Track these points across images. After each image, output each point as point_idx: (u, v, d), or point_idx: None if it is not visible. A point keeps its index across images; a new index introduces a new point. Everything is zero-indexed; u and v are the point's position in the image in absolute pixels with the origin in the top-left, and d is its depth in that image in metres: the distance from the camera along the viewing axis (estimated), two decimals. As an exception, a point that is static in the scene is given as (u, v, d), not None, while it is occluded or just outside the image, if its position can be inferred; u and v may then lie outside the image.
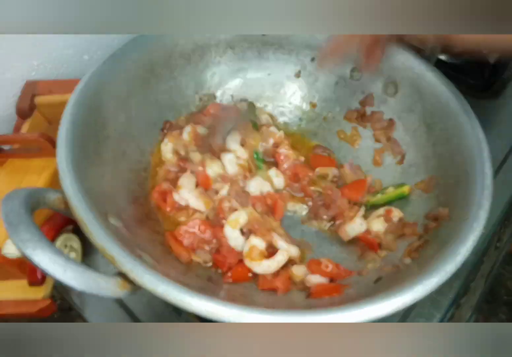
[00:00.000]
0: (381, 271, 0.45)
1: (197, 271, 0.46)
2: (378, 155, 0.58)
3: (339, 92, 0.61)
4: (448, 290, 0.54)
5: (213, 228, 0.48)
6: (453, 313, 0.53)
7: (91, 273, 0.33)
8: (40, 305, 0.47)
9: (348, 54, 0.48)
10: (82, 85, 0.46)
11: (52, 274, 0.32)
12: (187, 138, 0.56)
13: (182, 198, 0.50)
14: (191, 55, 0.58)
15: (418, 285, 0.35)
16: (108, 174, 0.46)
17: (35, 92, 0.58)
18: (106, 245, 0.35)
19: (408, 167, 0.55)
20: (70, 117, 0.43)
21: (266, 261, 0.46)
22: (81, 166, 0.41)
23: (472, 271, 0.57)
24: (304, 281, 0.45)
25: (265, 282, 0.45)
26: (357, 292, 0.42)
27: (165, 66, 0.56)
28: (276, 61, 0.62)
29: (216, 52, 0.60)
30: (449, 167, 0.48)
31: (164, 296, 0.33)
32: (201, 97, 0.61)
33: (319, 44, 0.59)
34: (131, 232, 0.42)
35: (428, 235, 0.45)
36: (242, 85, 0.62)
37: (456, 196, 0.45)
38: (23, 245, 0.32)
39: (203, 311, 0.33)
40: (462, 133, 0.48)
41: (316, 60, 0.55)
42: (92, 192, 0.40)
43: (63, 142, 0.41)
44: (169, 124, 0.58)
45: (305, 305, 0.42)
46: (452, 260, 0.37)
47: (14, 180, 0.51)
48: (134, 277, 0.34)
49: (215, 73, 0.61)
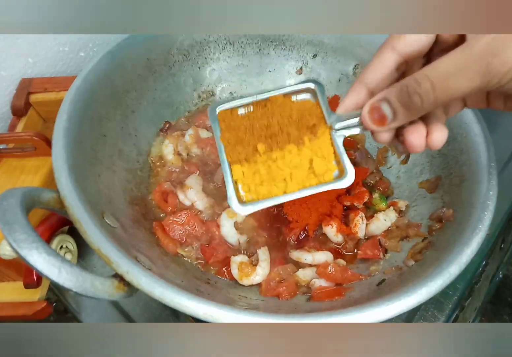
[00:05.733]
0: (384, 273, 0.44)
1: (194, 273, 0.45)
2: (381, 154, 0.57)
3: (342, 89, 0.60)
4: (452, 292, 0.53)
5: (206, 223, 0.49)
6: (457, 316, 0.52)
7: (87, 275, 0.32)
8: (36, 307, 0.47)
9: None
10: (79, 82, 0.45)
11: (47, 275, 0.31)
12: (189, 140, 0.55)
13: (188, 198, 0.50)
14: (190, 52, 0.57)
15: (422, 287, 0.34)
16: (104, 174, 0.45)
17: (30, 90, 0.57)
18: (101, 246, 0.34)
19: (412, 167, 0.54)
20: (66, 115, 0.42)
21: (255, 274, 0.45)
22: (77, 165, 0.40)
23: (476, 272, 0.56)
24: (309, 285, 0.45)
25: (268, 289, 0.44)
26: (360, 295, 0.41)
27: (163, 63, 0.55)
28: (277, 58, 0.61)
29: (215, 48, 0.59)
30: (454, 167, 0.48)
31: (161, 299, 0.32)
32: (200, 95, 0.60)
33: (320, 41, 0.58)
34: (128, 233, 0.41)
35: (432, 236, 0.45)
36: (242, 82, 0.62)
37: (460, 197, 0.44)
38: (18, 245, 0.31)
39: (201, 313, 0.32)
40: (467, 133, 0.47)
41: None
42: (88, 191, 0.39)
43: (59, 141, 0.40)
44: (168, 125, 0.57)
45: (307, 308, 0.41)
46: (456, 262, 0.36)
47: (9, 180, 0.50)
48: (130, 279, 0.33)
49: (214, 70, 0.60)
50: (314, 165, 0.35)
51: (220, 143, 0.36)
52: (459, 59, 0.27)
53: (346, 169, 0.35)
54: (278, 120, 0.36)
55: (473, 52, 0.26)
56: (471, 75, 0.26)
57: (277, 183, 0.35)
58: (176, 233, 0.47)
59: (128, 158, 0.51)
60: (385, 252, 0.48)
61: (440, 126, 0.33)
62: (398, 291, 0.35)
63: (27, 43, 0.58)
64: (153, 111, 0.56)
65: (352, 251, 0.49)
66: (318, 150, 0.35)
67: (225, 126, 0.37)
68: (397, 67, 0.33)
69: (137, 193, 0.50)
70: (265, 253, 0.47)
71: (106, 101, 0.48)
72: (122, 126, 0.51)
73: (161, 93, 0.56)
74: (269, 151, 0.35)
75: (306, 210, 0.49)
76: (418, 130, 0.32)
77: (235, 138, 0.36)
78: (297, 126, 0.36)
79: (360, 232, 0.49)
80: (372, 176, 0.55)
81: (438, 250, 0.42)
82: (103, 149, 0.47)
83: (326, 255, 0.47)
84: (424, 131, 0.33)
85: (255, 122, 0.36)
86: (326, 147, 0.36)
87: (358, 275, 0.45)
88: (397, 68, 0.34)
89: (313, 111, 0.36)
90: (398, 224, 0.49)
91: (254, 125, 0.36)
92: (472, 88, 0.27)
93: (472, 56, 0.26)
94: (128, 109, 0.52)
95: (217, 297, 0.41)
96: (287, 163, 0.35)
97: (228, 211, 0.49)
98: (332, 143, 0.36)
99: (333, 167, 0.36)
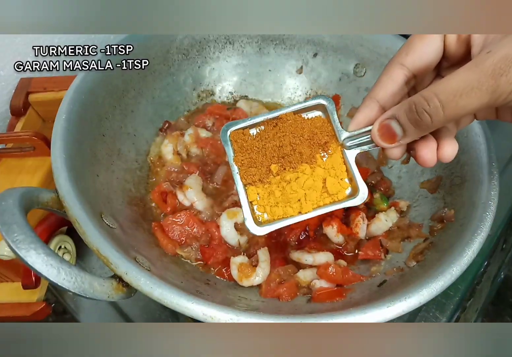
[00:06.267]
0: (386, 274, 0.43)
1: (194, 274, 0.45)
2: (383, 154, 0.57)
3: (343, 89, 0.60)
4: (454, 293, 0.53)
5: (206, 224, 0.48)
6: (458, 316, 0.52)
7: (85, 276, 0.32)
8: (35, 308, 0.46)
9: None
10: (78, 82, 0.45)
11: (45, 276, 0.31)
12: (188, 140, 0.55)
13: (187, 198, 0.50)
14: (189, 51, 0.57)
15: (424, 288, 0.34)
16: (103, 174, 0.45)
17: (29, 90, 0.57)
18: (100, 246, 0.34)
19: (413, 167, 0.53)
20: (65, 115, 0.42)
21: (255, 275, 0.45)
22: (76, 165, 0.40)
23: (478, 273, 0.55)
24: (310, 286, 0.44)
25: (268, 290, 0.44)
26: (361, 296, 0.41)
27: (162, 62, 0.55)
28: (277, 57, 0.61)
29: (215, 47, 0.59)
30: (455, 167, 0.47)
31: (160, 300, 0.32)
32: (200, 94, 0.60)
33: (321, 40, 0.57)
34: (127, 233, 0.41)
35: (434, 237, 0.44)
36: (241, 82, 0.61)
37: (462, 197, 0.44)
38: (16, 246, 0.31)
39: (200, 315, 0.32)
40: (468, 133, 0.47)
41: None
42: (87, 191, 0.39)
43: (58, 141, 0.40)
44: (168, 124, 0.57)
45: (307, 310, 0.41)
46: (458, 263, 0.36)
47: (8, 180, 0.50)
48: (129, 280, 0.33)
49: (214, 69, 0.60)
50: (327, 185, 0.36)
51: (234, 166, 0.37)
52: (468, 77, 0.27)
53: (358, 187, 0.35)
54: (290, 140, 0.36)
55: (483, 71, 0.27)
56: (479, 94, 0.27)
57: (292, 204, 0.36)
58: (175, 234, 0.47)
59: (127, 158, 0.51)
60: (386, 252, 0.47)
61: (450, 140, 0.33)
62: (399, 292, 0.34)
63: (27, 43, 0.58)
64: (153, 111, 0.56)
65: (353, 251, 0.49)
66: (330, 169, 0.36)
67: (238, 147, 0.37)
68: (407, 81, 0.34)
69: (136, 193, 0.50)
70: (265, 253, 0.47)
71: (105, 101, 0.48)
72: (121, 126, 0.51)
73: (161, 93, 0.56)
74: (283, 171, 0.36)
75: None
76: (429, 145, 0.33)
77: (249, 160, 0.37)
78: (309, 145, 0.36)
79: (361, 233, 0.49)
80: (373, 177, 0.55)
81: (439, 250, 0.41)
82: (102, 149, 0.47)
83: (326, 255, 0.47)
84: (435, 146, 0.33)
85: (267, 143, 0.37)
86: (339, 165, 0.36)
87: (359, 276, 0.44)
88: (407, 83, 0.34)
89: (325, 129, 0.37)
90: (399, 224, 0.48)
91: (266, 146, 0.37)
92: (481, 105, 0.27)
93: (481, 75, 0.27)
94: (127, 108, 0.52)
95: (217, 298, 0.41)
96: (301, 185, 0.36)
97: (228, 212, 0.48)
98: (344, 160, 0.36)
99: (346, 185, 0.36)
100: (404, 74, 0.33)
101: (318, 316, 0.32)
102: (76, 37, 0.63)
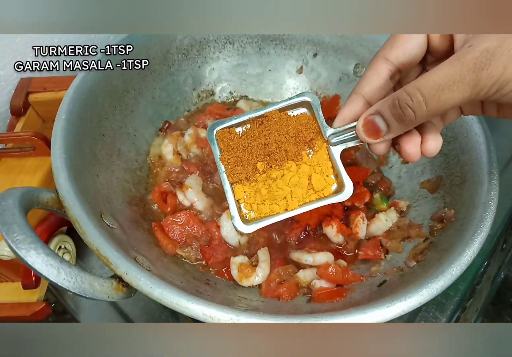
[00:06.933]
0: (386, 274, 0.43)
1: (194, 274, 0.45)
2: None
3: (343, 89, 0.60)
4: (454, 293, 0.53)
5: (206, 224, 0.48)
6: (458, 316, 0.52)
7: (85, 276, 0.32)
8: (34, 308, 0.46)
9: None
10: (78, 82, 0.45)
11: (45, 276, 0.31)
12: (188, 140, 0.55)
13: (187, 198, 0.50)
14: (189, 51, 0.57)
15: (424, 288, 0.34)
16: (103, 174, 0.45)
17: (29, 90, 0.57)
18: (100, 246, 0.34)
19: (413, 167, 0.53)
20: (65, 115, 0.42)
21: (255, 275, 0.45)
22: (76, 165, 0.40)
23: (478, 273, 0.55)
24: (310, 286, 0.44)
25: (268, 290, 0.44)
26: (361, 296, 0.41)
27: (162, 62, 0.55)
28: (277, 57, 0.61)
29: (215, 47, 0.59)
30: (455, 167, 0.47)
31: (160, 300, 0.32)
32: (200, 94, 0.60)
33: (321, 40, 0.57)
34: (127, 233, 0.41)
35: (434, 237, 0.44)
36: (241, 82, 0.61)
37: (462, 197, 0.44)
38: (16, 246, 0.31)
39: (200, 315, 0.32)
40: (468, 133, 0.47)
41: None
42: (87, 191, 0.39)
43: (58, 141, 0.40)
44: (168, 124, 0.57)
45: (307, 310, 0.41)
46: (458, 263, 0.36)
47: (8, 180, 0.50)
48: (129, 280, 0.33)
49: (214, 69, 0.60)
50: (313, 182, 0.36)
51: (220, 164, 0.37)
52: (450, 71, 0.27)
53: (344, 183, 0.36)
54: (276, 138, 0.37)
55: (464, 65, 0.27)
56: (461, 88, 0.27)
57: (278, 201, 0.36)
58: (176, 234, 0.47)
59: (127, 158, 0.51)
60: (386, 252, 0.47)
61: (434, 135, 0.33)
62: (399, 292, 0.34)
63: (27, 43, 0.58)
64: (152, 111, 0.56)
65: (353, 251, 0.49)
66: (316, 166, 0.36)
67: (224, 146, 0.37)
68: (391, 76, 0.34)
69: (136, 193, 0.50)
70: (265, 253, 0.47)
71: (105, 101, 0.48)
72: (121, 126, 0.51)
73: (161, 93, 0.56)
74: (269, 169, 0.36)
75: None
76: (413, 140, 0.33)
77: (235, 158, 0.37)
78: (295, 142, 0.36)
79: (361, 233, 0.49)
80: (373, 177, 0.55)
81: (439, 250, 0.41)
82: (102, 149, 0.47)
83: (326, 255, 0.47)
84: (418, 141, 0.33)
85: (253, 141, 0.37)
86: (324, 161, 0.36)
87: (359, 276, 0.44)
88: (392, 77, 0.34)
89: (310, 126, 0.37)
90: (399, 224, 0.48)
91: (252, 144, 0.37)
92: (463, 99, 0.27)
93: (462, 69, 0.27)
94: (127, 108, 0.52)
95: (217, 298, 0.41)
96: (286, 182, 0.36)
97: (228, 212, 0.48)
98: (330, 157, 0.36)
99: (332, 181, 0.37)
100: (388, 69, 0.33)
101: (318, 316, 0.32)
102: (76, 37, 0.63)
